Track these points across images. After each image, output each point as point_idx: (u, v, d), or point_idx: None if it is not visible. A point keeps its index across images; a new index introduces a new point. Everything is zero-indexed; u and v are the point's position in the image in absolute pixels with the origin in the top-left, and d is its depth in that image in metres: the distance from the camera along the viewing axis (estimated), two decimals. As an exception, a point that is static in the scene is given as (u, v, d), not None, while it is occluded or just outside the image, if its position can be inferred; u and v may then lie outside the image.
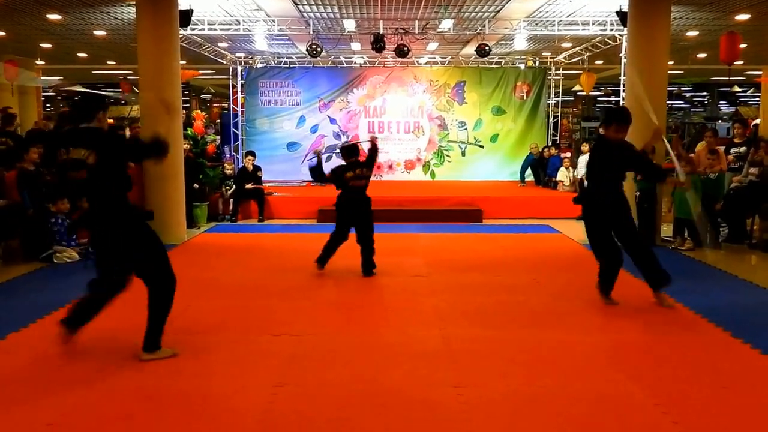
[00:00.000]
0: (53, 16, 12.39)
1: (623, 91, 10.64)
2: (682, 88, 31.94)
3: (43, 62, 18.47)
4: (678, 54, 16.60)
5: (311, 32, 12.42)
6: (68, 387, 4.07)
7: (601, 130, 5.63)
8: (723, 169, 9.09)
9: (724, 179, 9.13)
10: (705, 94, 33.96)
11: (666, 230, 9.47)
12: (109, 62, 19.88)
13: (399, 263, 7.71)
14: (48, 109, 22.99)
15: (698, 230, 7.49)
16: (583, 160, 12.79)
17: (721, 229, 9.05)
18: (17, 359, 4.58)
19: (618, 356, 4.69)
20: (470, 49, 14.68)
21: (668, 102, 10.10)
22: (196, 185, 10.91)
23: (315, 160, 7.66)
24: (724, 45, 10.89)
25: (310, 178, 14.34)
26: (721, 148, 9.61)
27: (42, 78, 19.10)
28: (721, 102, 33.99)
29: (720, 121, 27.61)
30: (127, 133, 10.07)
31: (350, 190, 7.06)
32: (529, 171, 14.66)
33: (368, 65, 16.30)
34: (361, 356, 4.69)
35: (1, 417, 3.68)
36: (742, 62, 16.47)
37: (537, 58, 16.53)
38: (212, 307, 5.72)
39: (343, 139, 14.97)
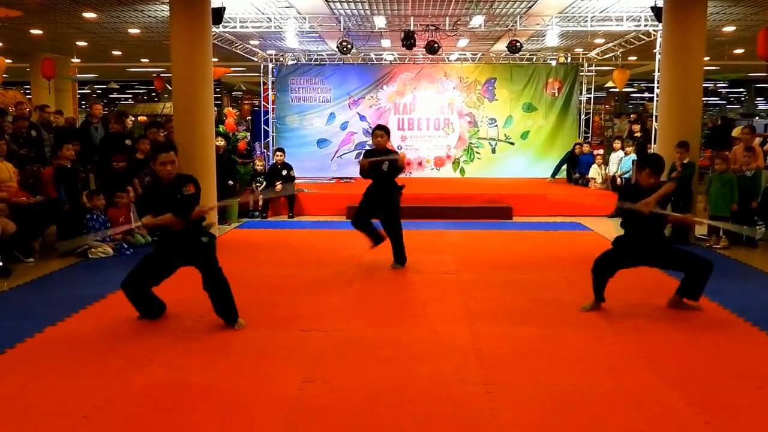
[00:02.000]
0: (89, 15, 12.58)
1: (657, 87, 10.47)
2: (718, 85, 31.35)
3: (78, 60, 18.80)
4: (714, 50, 16.28)
5: (342, 29, 12.43)
6: (102, 380, 4.14)
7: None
8: (760, 167, 8.88)
9: (760, 176, 8.90)
10: (742, 90, 33.27)
11: (700, 228, 9.28)
12: (143, 60, 20.15)
13: (428, 260, 7.70)
14: (84, 106, 23.37)
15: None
16: (615, 157, 12.66)
17: (757, 227, 8.88)
18: (54, 352, 4.67)
19: (650, 356, 4.62)
20: (501, 46, 14.56)
21: (704, 98, 9.90)
22: (230, 182, 11.01)
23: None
24: (762, 41, 10.65)
25: (340, 175, 14.61)
26: (757, 141, 9.38)
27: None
28: (758, 98, 33.28)
29: (757, 117, 27.03)
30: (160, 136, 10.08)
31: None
32: (564, 167, 14.49)
33: (398, 62, 16.27)
34: (389, 353, 4.69)
35: (38, 409, 3.76)
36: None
37: (569, 55, 16.35)
38: (242, 302, 5.74)
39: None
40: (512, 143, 15.35)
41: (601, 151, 13.94)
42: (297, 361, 4.48)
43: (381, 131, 7.10)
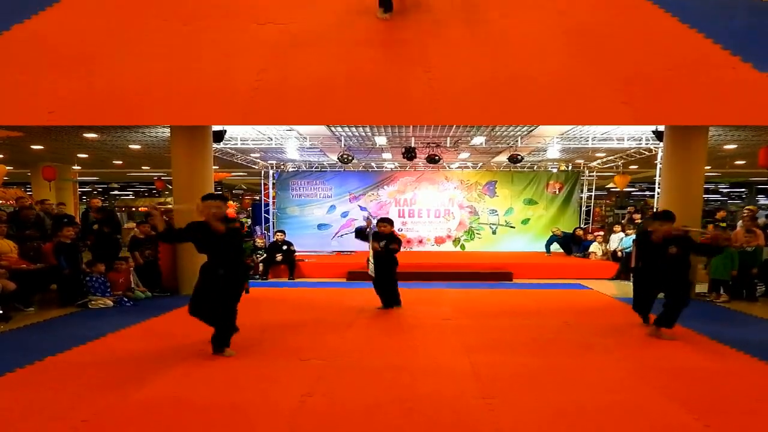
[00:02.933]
0: (90, 135, 12.72)
1: (658, 186, 10.38)
2: (719, 186, 31.49)
3: (79, 167, 18.86)
4: (715, 161, 16.32)
5: (342, 146, 12.42)
6: (102, 393, 4.19)
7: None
8: (760, 244, 9.26)
9: (761, 252, 9.31)
10: (742, 189, 33.40)
11: (699, 287, 9.33)
12: (143, 167, 20.21)
13: (426, 310, 7.67)
14: (85, 200, 23.36)
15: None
16: (616, 237, 12.54)
17: (757, 287, 9.20)
18: (54, 374, 4.71)
19: (650, 375, 4.67)
20: (502, 158, 14.58)
21: (705, 196, 9.98)
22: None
23: (364, 224, 7.87)
24: (763, 156, 10.77)
25: (340, 249, 14.31)
26: (759, 226, 9.74)
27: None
28: (759, 195, 33.34)
29: (759, 210, 26.97)
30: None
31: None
32: (556, 246, 14.40)
33: (399, 169, 16.29)
34: (390, 375, 4.69)
35: (40, 415, 3.81)
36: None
37: (570, 164, 16.31)
38: (240, 338, 5.62)
39: (374, 222, 14.83)
40: (513, 227, 15.37)
41: (601, 232, 13.87)
42: (298, 381, 4.49)
43: (385, 223, 7.65)
